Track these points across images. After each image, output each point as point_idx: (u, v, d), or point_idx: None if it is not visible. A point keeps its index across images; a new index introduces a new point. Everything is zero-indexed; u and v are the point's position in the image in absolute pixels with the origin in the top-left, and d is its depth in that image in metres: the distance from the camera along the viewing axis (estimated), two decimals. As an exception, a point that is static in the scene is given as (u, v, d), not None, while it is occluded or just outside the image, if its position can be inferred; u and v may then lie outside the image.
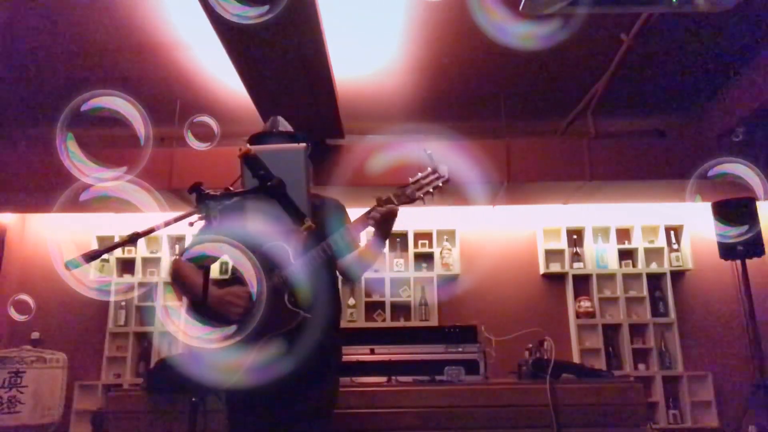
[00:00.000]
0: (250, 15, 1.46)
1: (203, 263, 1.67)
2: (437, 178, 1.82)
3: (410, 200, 1.82)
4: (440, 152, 1.84)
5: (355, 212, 1.99)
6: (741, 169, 1.60)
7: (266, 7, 1.44)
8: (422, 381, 2.78)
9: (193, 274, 1.86)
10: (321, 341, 1.83)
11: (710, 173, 1.57)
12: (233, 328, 1.58)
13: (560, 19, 2.47)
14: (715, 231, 4.09)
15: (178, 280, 1.92)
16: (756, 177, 1.70)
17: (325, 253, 1.79)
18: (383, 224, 1.79)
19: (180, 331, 1.71)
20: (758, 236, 3.88)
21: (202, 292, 1.54)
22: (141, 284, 4.89)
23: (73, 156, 1.28)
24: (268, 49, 3.08)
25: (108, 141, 4.63)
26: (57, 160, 1.46)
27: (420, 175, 1.84)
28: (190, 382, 1.65)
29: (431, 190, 1.81)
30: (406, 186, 1.83)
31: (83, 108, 1.27)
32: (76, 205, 4.66)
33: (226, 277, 1.90)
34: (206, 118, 1.90)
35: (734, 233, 3.55)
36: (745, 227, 3.67)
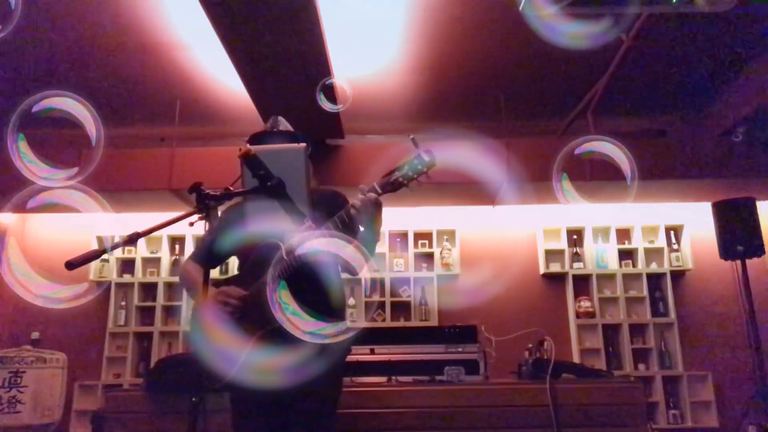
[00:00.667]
0: None
1: None
2: (421, 165, 1.72)
3: (394, 188, 1.75)
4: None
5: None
6: (608, 147, 1.56)
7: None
8: (422, 381, 2.78)
9: (196, 275, 1.87)
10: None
11: (577, 151, 1.52)
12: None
13: (611, 17, 2.44)
14: (715, 231, 4.09)
15: (185, 281, 1.95)
16: (624, 156, 1.66)
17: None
18: (366, 214, 1.74)
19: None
20: (758, 236, 3.87)
21: (201, 293, 1.54)
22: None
23: (24, 157, 1.27)
24: (268, 49, 3.08)
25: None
26: (57, 159, 1.46)
27: (404, 160, 1.76)
28: (190, 382, 1.66)
29: (414, 175, 1.73)
30: (390, 173, 1.77)
31: (34, 109, 1.25)
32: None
33: (226, 276, 1.90)
34: (338, 80, 1.89)
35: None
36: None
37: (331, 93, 2.15)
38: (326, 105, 2.05)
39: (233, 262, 3.38)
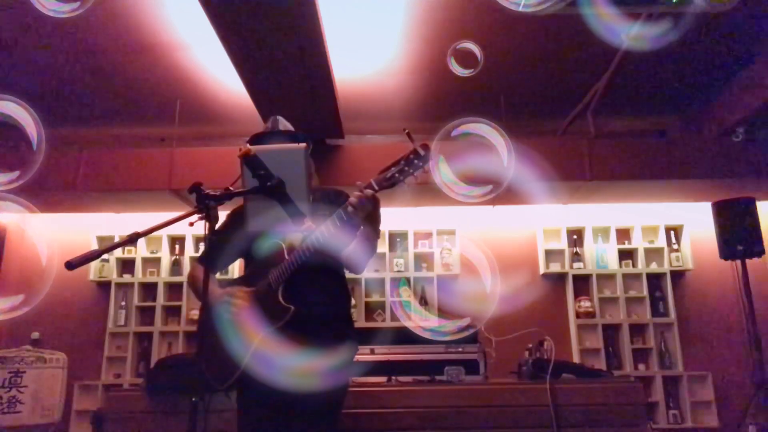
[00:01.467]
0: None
1: None
2: (417, 158, 1.69)
3: (391, 183, 1.72)
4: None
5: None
6: (484, 129, 1.52)
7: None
8: (422, 381, 2.78)
9: (202, 278, 1.87)
10: (323, 337, 1.81)
11: (453, 133, 1.48)
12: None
13: (671, 19, 2.43)
14: (715, 231, 4.09)
15: (193, 285, 1.98)
16: (500, 137, 1.63)
17: (313, 246, 1.74)
18: (363, 210, 1.72)
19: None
20: (758, 236, 3.87)
21: (203, 294, 1.54)
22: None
23: None
24: (268, 49, 3.08)
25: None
26: (57, 160, 1.47)
27: (400, 156, 1.73)
28: (190, 382, 1.66)
29: (411, 170, 1.70)
30: (386, 169, 1.74)
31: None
32: (76, 205, 4.69)
33: (233, 278, 1.91)
34: (469, 44, 1.88)
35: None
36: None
37: (461, 57, 2.11)
38: (457, 70, 2.04)
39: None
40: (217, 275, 4.34)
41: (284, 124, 2.03)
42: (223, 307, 1.79)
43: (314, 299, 1.81)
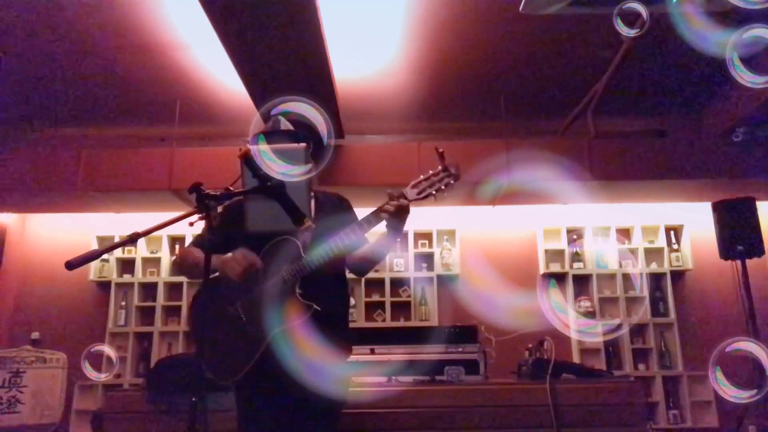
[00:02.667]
0: None
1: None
2: (448, 176, 1.83)
3: (423, 197, 1.83)
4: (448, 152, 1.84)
5: (356, 212, 1.99)
6: (304, 108, 1.51)
7: None
8: (422, 381, 2.78)
9: (197, 254, 1.88)
10: (331, 337, 1.82)
11: (273, 112, 1.48)
12: None
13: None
14: (715, 231, 4.09)
15: (185, 262, 1.94)
16: (321, 118, 1.62)
17: (338, 247, 1.79)
18: (395, 219, 1.79)
19: None
20: (758, 236, 3.87)
21: (204, 265, 1.51)
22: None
23: None
24: (268, 49, 3.08)
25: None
26: (57, 159, 1.48)
27: (431, 172, 1.84)
28: (191, 382, 1.65)
29: (442, 187, 1.82)
30: (418, 182, 1.84)
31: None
32: (76, 205, 4.69)
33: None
34: (636, 5, 1.87)
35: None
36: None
37: (627, 18, 2.12)
38: (623, 29, 2.04)
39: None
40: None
41: (286, 124, 2.03)
42: (227, 267, 1.75)
43: (324, 299, 1.82)
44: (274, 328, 1.76)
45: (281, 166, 1.61)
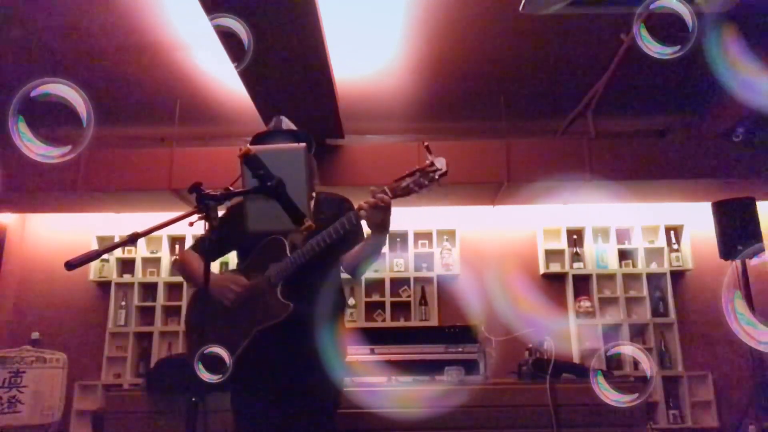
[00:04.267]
0: None
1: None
2: (434, 171, 1.74)
3: (405, 193, 1.75)
4: (440, 151, 1.81)
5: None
6: (64, 90, 1.46)
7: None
8: (422, 381, 2.77)
9: (196, 263, 1.90)
10: (318, 336, 1.83)
11: (32, 94, 1.44)
12: None
13: None
14: (715, 231, 4.09)
15: (185, 269, 1.97)
16: (80, 98, 1.56)
17: (319, 245, 1.76)
18: (373, 216, 1.73)
19: None
20: (758, 236, 3.87)
21: (203, 280, 1.52)
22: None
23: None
24: (268, 49, 3.08)
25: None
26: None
27: (417, 167, 1.78)
28: (191, 382, 1.65)
29: (427, 182, 1.75)
30: (401, 178, 1.77)
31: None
32: (76, 205, 4.69)
33: (233, 268, 1.91)
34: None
35: None
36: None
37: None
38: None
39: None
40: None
41: (287, 124, 2.04)
42: (222, 291, 1.79)
43: (311, 299, 1.82)
44: (252, 328, 1.77)
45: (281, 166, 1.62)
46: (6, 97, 1.37)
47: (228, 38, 2.76)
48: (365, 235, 1.93)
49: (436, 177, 1.74)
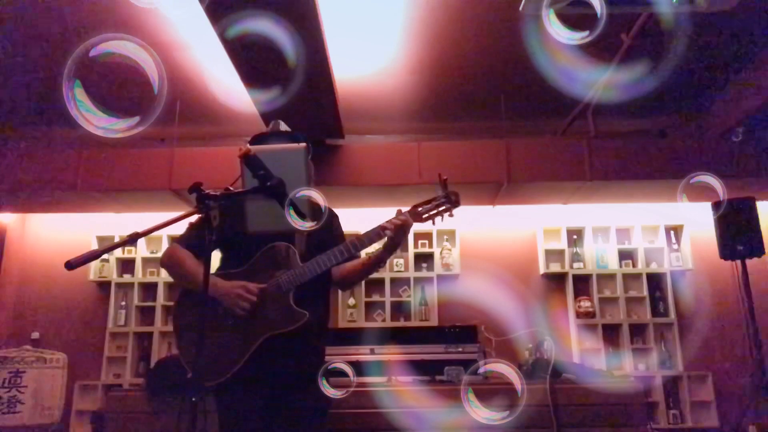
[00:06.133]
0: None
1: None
2: (449, 203, 1.92)
3: (425, 219, 1.92)
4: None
5: (355, 213, 2.00)
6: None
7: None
8: (422, 381, 2.78)
9: (191, 262, 1.86)
10: (315, 344, 1.89)
11: (92, 53, 1.28)
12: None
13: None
14: (715, 231, 4.09)
15: (175, 268, 1.93)
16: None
17: (337, 258, 1.82)
18: (397, 235, 1.83)
19: None
20: (758, 236, 3.87)
21: (203, 283, 1.50)
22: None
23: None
24: (267, 49, 3.07)
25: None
26: (57, 159, 1.48)
27: (434, 197, 1.93)
28: (190, 382, 1.65)
29: (443, 213, 1.92)
30: (420, 205, 1.91)
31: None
32: (76, 205, 4.69)
33: (237, 270, 1.89)
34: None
35: None
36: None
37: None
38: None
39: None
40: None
41: (284, 127, 2.05)
42: (235, 299, 1.77)
43: (312, 308, 1.83)
44: (265, 333, 1.77)
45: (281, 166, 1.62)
46: (6, 98, 1.31)
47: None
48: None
49: (452, 209, 1.93)
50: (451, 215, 1.95)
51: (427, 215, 1.91)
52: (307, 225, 1.57)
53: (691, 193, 2.04)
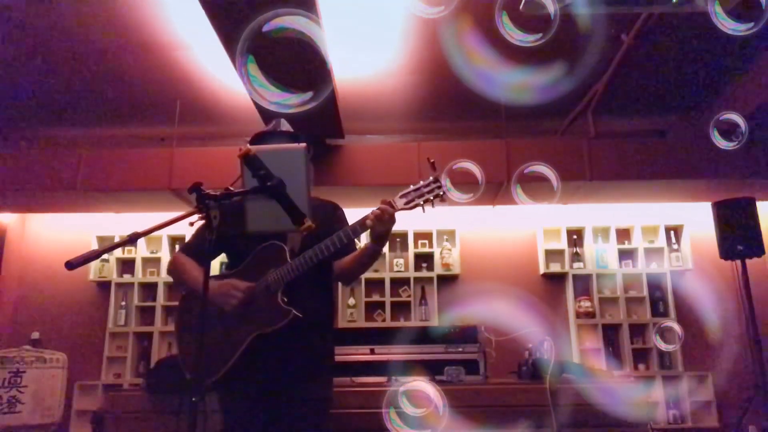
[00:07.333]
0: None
1: None
2: (438, 187, 1.80)
3: (409, 207, 1.82)
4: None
5: (355, 213, 2.00)
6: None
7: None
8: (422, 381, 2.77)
9: (192, 267, 1.90)
10: (312, 342, 1.87)
11: (265, 28, 1.26)
12: None
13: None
14: (715, 231, 4.09)
15: (180, 276, 1.95)
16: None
17: (323, 253, 1.79)
18: (378, 226, 1.77)
19: None
20: (758, 236, 3.87)
21: (203, 285, 1.51)
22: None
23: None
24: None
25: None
26: (57, 159, 1.48)
27: (422, 182, 1.82)
28: (190, 382, 1.66)
29: (431, 198, 1.80)
30: (407, 192, 1.82)
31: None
32: (76, 205, 4.69)
33: (231, 271, 1.91)
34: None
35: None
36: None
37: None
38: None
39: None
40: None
41: (286, 126, 2.04)
42: (223, 298, 1.78)
43: (308, 304, 1.82)
44: (253, 332, 1.77)
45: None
46: (6, 98, 1.31)
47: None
48: (360, 244, 1.95)
49: (441, 193, 1.79)
50: (442, 201, 1.82)
51: (413, 203, 1.81)
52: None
53: (525, 183, 2.00)
